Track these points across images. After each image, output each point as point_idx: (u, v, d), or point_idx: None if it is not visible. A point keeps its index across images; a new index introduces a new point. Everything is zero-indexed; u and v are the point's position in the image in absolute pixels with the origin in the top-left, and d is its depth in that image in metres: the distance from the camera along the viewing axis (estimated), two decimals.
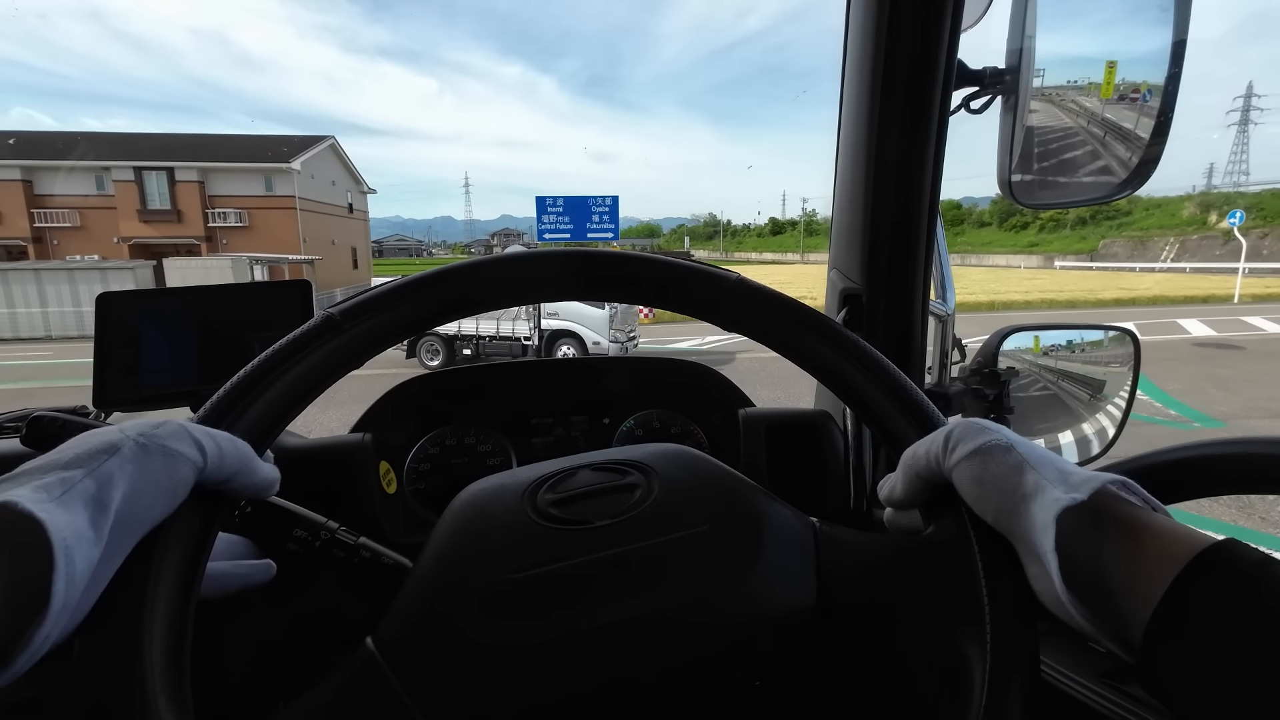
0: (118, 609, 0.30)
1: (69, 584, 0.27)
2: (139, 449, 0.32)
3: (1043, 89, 0.77)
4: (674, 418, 0.95)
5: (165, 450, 0.32)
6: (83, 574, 0.28)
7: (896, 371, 0.44)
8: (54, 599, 0.26)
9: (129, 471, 0.31)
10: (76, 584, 0.27)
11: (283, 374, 0.38)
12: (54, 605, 0.26)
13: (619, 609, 0.37)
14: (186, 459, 0.33)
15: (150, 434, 0.33)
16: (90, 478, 0.29)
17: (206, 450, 0.34)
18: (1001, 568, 0.34)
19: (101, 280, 17.56)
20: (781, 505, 0.45)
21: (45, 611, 0.26)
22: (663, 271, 0.45)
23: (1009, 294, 21.69)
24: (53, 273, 17.62)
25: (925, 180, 0.78)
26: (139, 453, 0.31)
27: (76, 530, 0.28)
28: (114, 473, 0.30)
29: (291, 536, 0.48)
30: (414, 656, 0.36)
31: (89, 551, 0.28)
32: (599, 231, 15.88)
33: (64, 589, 0.27)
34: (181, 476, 0.33)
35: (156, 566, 0.31)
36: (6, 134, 25.20)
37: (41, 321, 17.11)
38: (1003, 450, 0.35)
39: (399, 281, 0.42)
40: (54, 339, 16.63)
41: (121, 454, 0.31)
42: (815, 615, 0.39)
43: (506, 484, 0.46)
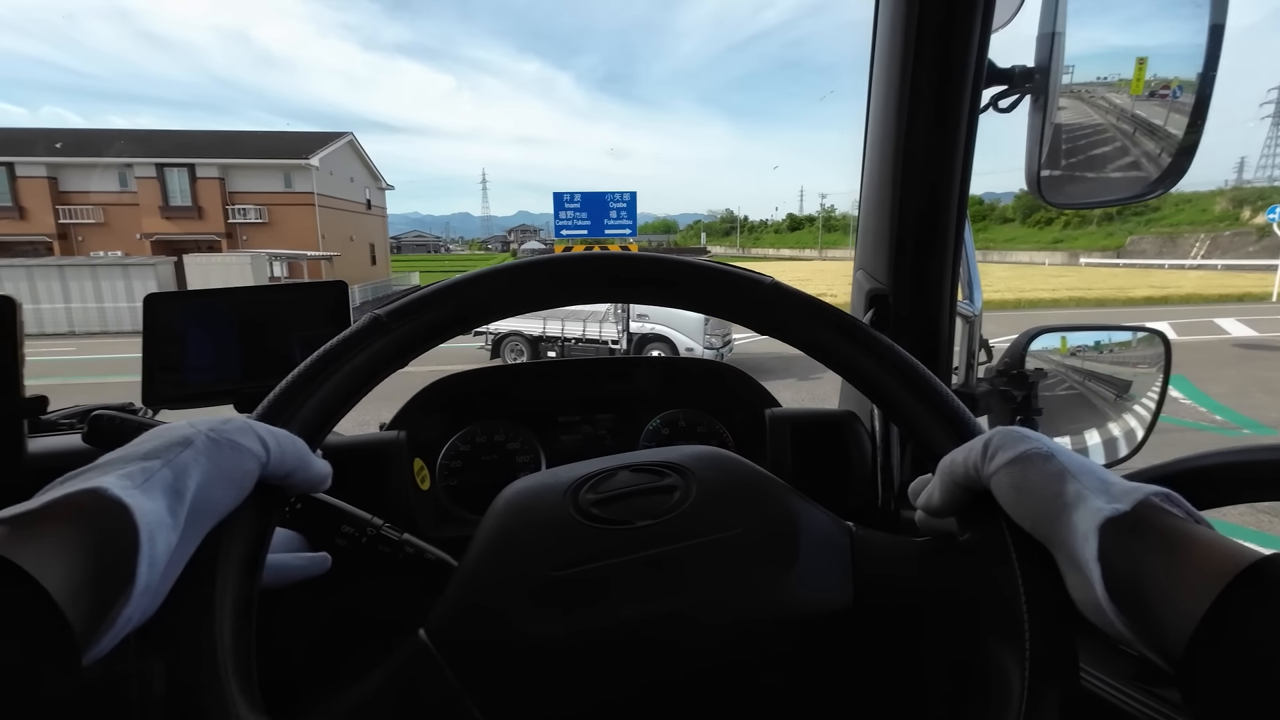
0: (193, 593, 0.32)
1: (151, 567, 0.29)
2: (210, 443, 0.34)
3: (1071, 86, 0.76)
4: (699, 416, 0.95)
5: (233, 444, 0.34)
6: (163, 557, 0.29)
7: (933, 378, 0.44)
8: (138, 580, 0.28)
9: (202, 463, 0.33)
10: (158, 567, 0.29)
11: (333, 374, 0.41)
12: (137, 586, 0.28)
13: (658, 606, 0.38)
14: (252, 454, 0.35)
15: (219, 429, 0.35)
16: (168, 468, 0.31)
17: (269, 446, 0.36)
18: (1040, 575, 0.34)
19: (123, 276, 17.77)
20: (817, 509, 0.45)
21: (130, 592, 0.28)
22: (698, 274, 0.46)
23: (1035, 292, 21.18)
24: (76, 269, 17.87)
25: (954, 180, 0.77)
26: (210, 446, 0.33)
27: (158, 516, 0.30)
28: (189, 464, 0.32)
29: (339, 532, 0.50)
30: (465, 647, 0.37)
31: (168, 536, 0.30)
32: (616, 227, 15.70)
33: (146, 571, 0.28)
34: (248, 470, 0.35)
35: (225, 554, 0.34)
36: (47, 132, 25.59)
37: (65, 317, 17.33)
38: (1043, 459, 0.35)
39: (442, 284, 0.44)
40: (77, 334, 16.81)
41: (195, 447, 0.33)
42: (849, 617, 0.40)
43: (549, 483, 0.47)
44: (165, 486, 0.31)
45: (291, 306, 0.77)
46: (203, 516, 0.33)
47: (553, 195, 15.67)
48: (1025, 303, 18.65)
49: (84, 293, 17.59)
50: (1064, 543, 0.33)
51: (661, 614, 0.38)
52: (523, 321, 9.40)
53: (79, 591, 0.26)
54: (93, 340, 15.33)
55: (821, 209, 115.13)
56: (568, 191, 15.73)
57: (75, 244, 24.52)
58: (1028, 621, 0.33)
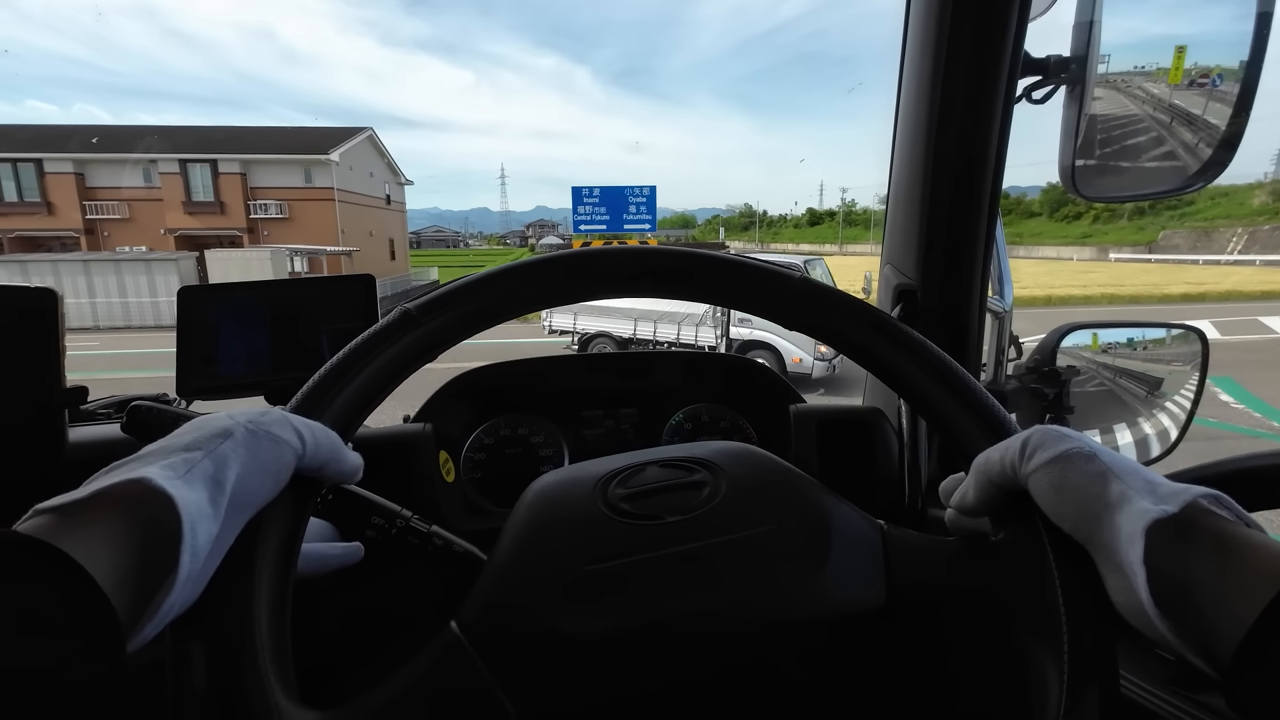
0: (232, 582, 0.32)
1: (193, 557, 0.29)
2: (249, 435, 0.34)
3: (1107, 75, 0.74)
4: (723, 412, 0.95)
5: (271, 437, 0.35)
6: (204, 547, 0.30)
7: (967, 375, 0.44)
8: (180, 570, 0.29)
9: (241, 455, 0.33)
10: (199, 556, 0.30)
11: (364, 367, 0.41)
12: (180, 575, 0.29)
13: (689, 603, 0.38)
14: (289, 446, 0.35)
15: (258, 421, 0.35)
16: (209, 459, 0.32)
17: (305, 439, 0.37)
18: (1079, 577, 0.34)
19: (146, 271, 17.99)
20: (848, 506, 0.45)
21: (173, 581, 0.29)
22: (725, 268, 0.46)
23: (1066, 288, 20.61)
24: (100, 264, 18.17)
25: (986, 173, 0.75)
26: (249, 438, 0.34)
27: (199, 506, 0.30)
28: (229, 455, 0.33)
29: (369, 523, 0.50)
30: (496, 640, 0.38)
31: (209, 526, 0.31)
32: (635, 222, 15.50)
33: (189, 561, 0.29)
34: (285, 462, 0.35)
35: (263, 544, 0.34)
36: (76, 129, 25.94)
37: (90, 312, 17.57)
38: (1084, 458, 0.35)
39: (472, 277, 0.44)
40: (102, 329, 17.01)
41: (234, 438, 0.34)
42: (882, 617, 0.40)
43: (577, 477, 0.47)
44: (206, 477, 0.31)
45: (320, 300, 0.79)
46: (242, 507, 0.33)
47: (571, 190, 15.52)
48: (1056, 299, 18.14)
49: (108, 288, 17.87)
50: (1106, 544, 0.32)
51: (695, 611, 0.38)
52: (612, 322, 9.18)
53: (124, 580, 0.27)
54: (116, 335, 15.46)
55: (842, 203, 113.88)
56: (586, 186, 15.56)
57: (101, 239, 24.89)
58: (1066, 622, 0.32)
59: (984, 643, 0.38)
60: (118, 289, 17.87)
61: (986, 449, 0.40)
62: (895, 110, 0.84)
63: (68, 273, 17.73)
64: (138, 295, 17.77)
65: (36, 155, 23.94)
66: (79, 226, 24.57)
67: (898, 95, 0.83)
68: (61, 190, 24.36)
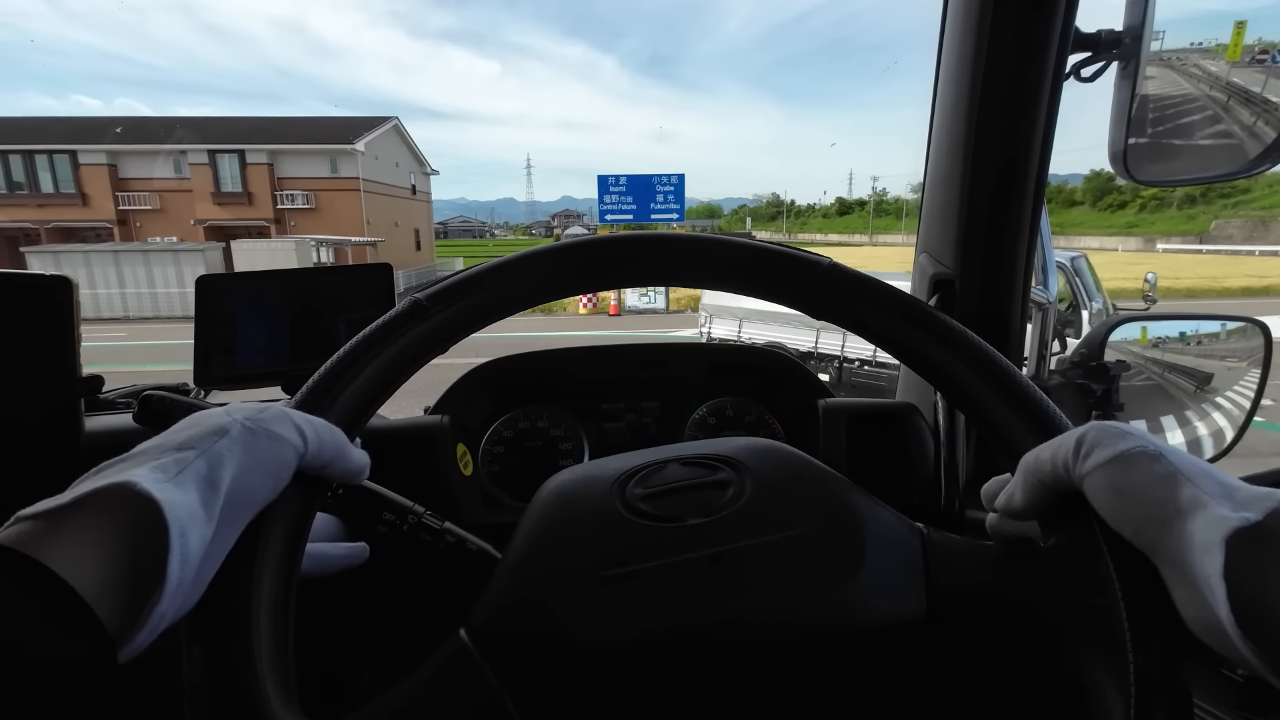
0: (230, 586, 0.31)
1: (183, 563, 0.28)
2: (246, 432, 0.33)
3: (1161, 53, 0.70)
4: (748, 405, 0.92)
5: (270, 434, 0.34)
6: (196, 552, 0.29)
7: (1014, 369, 0.41)
8: (169, 578, 0.27)
9: (237, 453, 0.32)
10: (190, 563, 0.28)
11: (371, 360, 0.40)
12: (169, 584, 0.27)
13: (713, 611, 0.36)
14: (289, 443, 0.34)
15: (256, 418, 0.34)
16: (202, 458, 0.31)
17: (307, 436, 0.35)
18: (1143, 589, 0.31)
19: (174, 262, 18.05)
20: (884, 509, 0.42)
21: (162, 589, 0.27)
22: (748, 255, 0.44)
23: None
24: (130, 254, 18.27)
25: (1032, 156, 0.72)
26: (246, 435, 0.33)
27: (190, 510, 0.29)
28: (224, 454, 0.31)
29: (380, 519, 0.48)
30: (507, 646, 0.36)
31: (201, 530, 0.29)
32: (663, 212, 15.01)
33: (179, 568, 0.28)
34: (285, 460, 0.34)
35: (263, 547, 0.33)
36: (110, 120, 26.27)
37: (120, 302, 17.76)
38: (1149, 458, 0.32)
39: (485, 265, 0.43)
40: (131, 319, 17.12)
41: (230, 436, 0.32)
42: (922, 626, 0.37)
43: (594, 475, 0.45)
44: (199, 478, 0.30)
45: (338, 289, 0.78)
46: (239, 508, 0.32)
47: (597, 178, 15.07)
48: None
49: (137, 278, 17.97)
50: (1175, 554, 0.29)
51: (717, 620, 0.36)
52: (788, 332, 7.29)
53: (111, 588, 0.26)
54: (145, 325, 15.52)
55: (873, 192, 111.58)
56: (612, 174, 15.09)
57: (134, 230, 25.14)
58: (1130, 639, 0.30)
59: (1034, 659, 0.35)
60: (146, 280, 17.96)
61: (1035, 447, 0.37)
62: (933, 89, 0.81)
63: (99, 263, 17.88)
64: (165, 286, 17.85)
65: (71, 147, 24.25)
66: (112, 217, 24.86)
67: (936, 73, 0.80)
68: (95, 181, 24.63)
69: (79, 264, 17.67)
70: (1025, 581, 0.36)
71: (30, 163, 24.14)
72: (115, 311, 17.58)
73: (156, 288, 17.88)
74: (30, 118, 26.94)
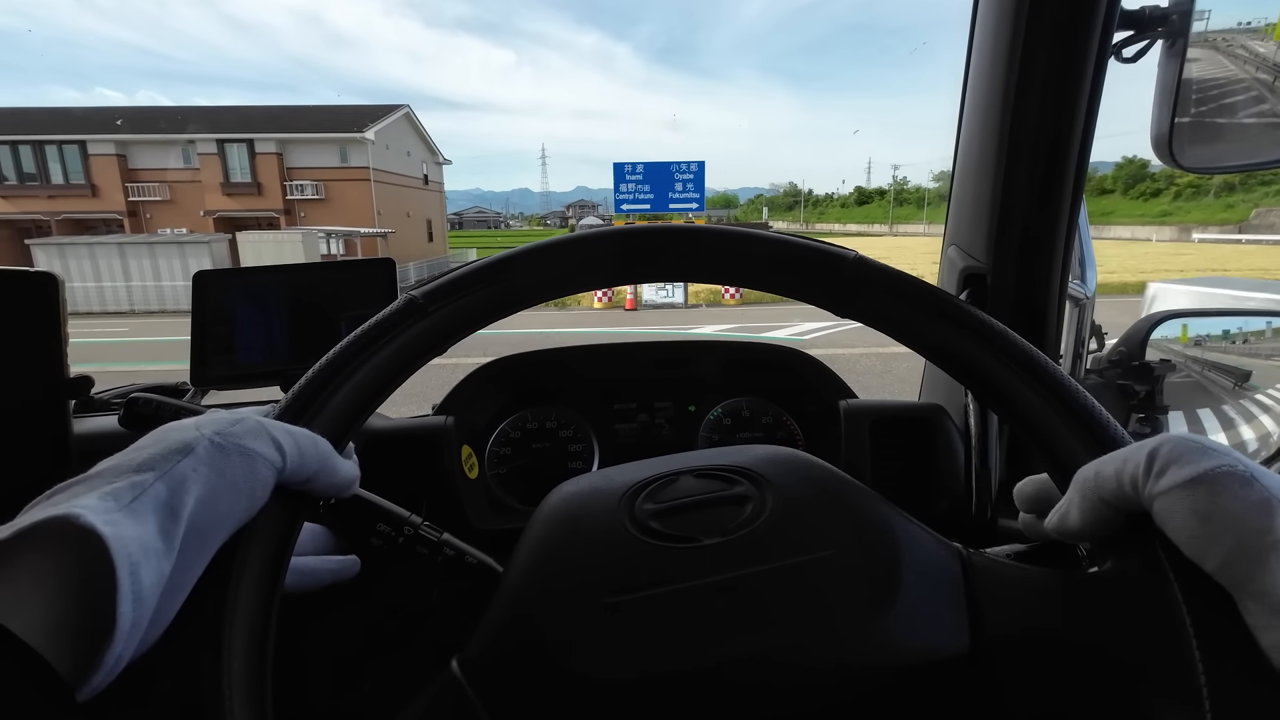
0: (196, 620, 0.28)
1: (136, 602, 0.25)
2: (214, 449, 0.30)
3: (1206, 34, 0.67)
4: (765, 407, 0.89)
5: (242, 450, 0.31)
6: (151, 589, 0.26)
7: (1065, 376, 0.37)
8: (120, 620, 0.25)
9: (203, 474, 0.29)
10: (146, 601, 0.26)
11: (362, 363, 0.37)
12: (121, 626, 0.25)
13: (731, 646, 0.33)
14: (265, 459, 0.31)
15: (227, 432, 0.31)
16: (162, 481, 0.28)
17: (285, 450, 0.32)
18: (1221, 630, 0.27)
19: (179, 254, 17.65)
20: (919, 527, 0.39)
21: (112, 633, 0.25)
22: (767, 249, 0.41)
23: (1160, 273, 18.43)
24: (135, 247, 17.87)
25: (1073, 142, 0.67)
26: (214, 453, 0.30)
27: (144, 542, 0.26)
28: (187, 475, 0.29)
29: (375, 530, 0.45)
30: (501, 681, 0.34)
31: (158, 564, 0.26)
32: (682, 201, 14.26)
33: (131, 609, 0.25)
34: (260, 478, 0.31)
35: (237, 574, 0.30)
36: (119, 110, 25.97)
37: (125, 295, 17.39)
38: (1239, 481, 0.28)
39: (484, 261, 0.40)
40: (136, 313, 16.75)
41: (196, 454, 0.29)
42: (965, 665, 0.33)
43: (600, 488, 0.42)
44: (157, 504, 0.27)
45: (340, 285, 0.76)
46: (206, 534, 0.29)
47: (613, 166, 14.33)
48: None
49: (142, 271, 17.60)
50: (1271, 594, 0.26)
51: (736, 655, 0.33)
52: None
53: (60, 630, 0.24)
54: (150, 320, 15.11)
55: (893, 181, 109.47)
56: (629, 162, 14.34)
57: (144, 221, 24.85)
58: (1207, 688, 0.27)
59: (1095, 706, 0.31)
60: (152, 272, 17.58)
61: (1092, 461, 0.33)
62: (964, 71, 0.77)
63: (103, 255, 17.54)
64: (171, 278, 17.44)
65: (81, 137, 23.94)
66: (122, 209, 24.58)
67: (968, 54, 0.75)
68: (105, 172, 24.33)
69: (84, 256, 17.37)
70: (1084, 617, 0.32)
71: (40, 153, 23.89)
72: (121, 305, 17.23)
73: (162, 280, 17.48)
74: (40, 108, 26.74)
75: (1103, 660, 0.31)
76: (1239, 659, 0.26)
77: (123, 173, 24.44)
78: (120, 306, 17.16)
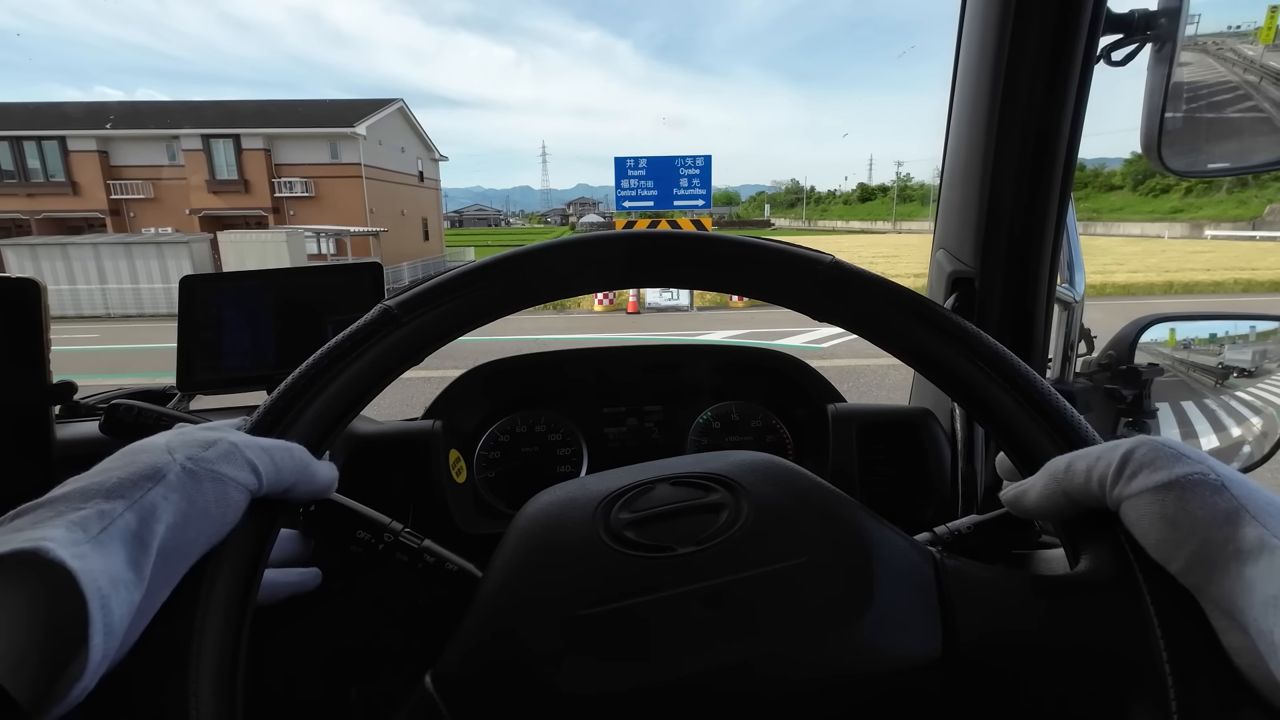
0: (161, 646, 0.28)
1: (107, 635, 0.25)
2: (186, 475, 0.29)
3: (1196, 38, 0.66)
4: (755, 410, 0.89)
5: (215, 476, 0.30)
6: (121, 620, 0.26)
7: (1035, 376, 0.38)
8: (91, 653, 0.24)
9: (174, 501, 0.28)
10: (115, 633, 0.25)
11: (337, 375, 0.37)
12: (92, 659, 0.25)
13: (706, 656, 0.32)
14: (238, 484, 0.31)
15: (199, 458, 0.30)
16: (131, 510, 0.27)
17: (261, 470, 0.32)
18: (1187, 629, 0.28)
19: (158, 255, 16.77)
20: (893, 531, 0.39)
21: (83, 667, 0.24)
22: (738, 253, 0.41)
23: (1185, 272, 17.53)
24: (111, 247, 16.92)
25: (1059, 145, 0.67)
26: (186, 480, 0.29)
27: (113, 575, 0.25)
28: (158, 504, 0.28)
29: (354, 538, 0.44)
30: (475, 698, 0.33)
31: (128, 596, 0.26)
32: (687, 198, 13.37)
33: (101, 642, 0.25)
34: (233, 503, 0.31)
35: (206, 595, 0.29)
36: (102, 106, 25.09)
37: (101, 299, 16.47)
38: (1210, 488, 0.28)
39: (461, 269, 0.41)
40: (113, 317, 15.90)
41: (166, 481, 0.29)
42: (939, 668, 0.33)
43: (576, 497, 0.41)
44: (127, 535, 0.26)
45: (327, 289, 0.76)
46: (176, 559, 0.28)
47: (614, 161, 13.42)
48: (1179, 286, 15.24)
49: (119, 273, 16.65)
50: (1229, 601, 0.26)
51: (711, 665, 0.32)
52: None
53: (22, 662, 0.23)
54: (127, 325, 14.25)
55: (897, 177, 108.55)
56: (631, 157, 13.42)
57: (128, 220, 24.00)
58: (1174, 687, 0.27)
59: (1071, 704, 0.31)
60: (129, 274, 16.66)
61: (1065, 454, 0.34)
62: (953, 73, 0.76)
63: (78, 256, 16.61)
64: (149, 281, 16.54)
65: (61, 132, 23.06)
66: (104, 207, 23.72)
67: (956, 55, 0.75)
68: (86, 169, 23.46)
69: (57, 258, 16.46)
70: (1056, 619, 0.32)
71: (18, 150, 23.02)
72: (96, 309, 16.34)
73: (140, 283, 16.57)
74: (16, 103, 25.76)
75: (1076, 662, 0.31)
76: (1203, 660, 0.27)
77: (104, 170, 23.58)
78: (96, 310, 16.30)
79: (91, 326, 13.98)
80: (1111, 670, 0.30)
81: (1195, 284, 15.65)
